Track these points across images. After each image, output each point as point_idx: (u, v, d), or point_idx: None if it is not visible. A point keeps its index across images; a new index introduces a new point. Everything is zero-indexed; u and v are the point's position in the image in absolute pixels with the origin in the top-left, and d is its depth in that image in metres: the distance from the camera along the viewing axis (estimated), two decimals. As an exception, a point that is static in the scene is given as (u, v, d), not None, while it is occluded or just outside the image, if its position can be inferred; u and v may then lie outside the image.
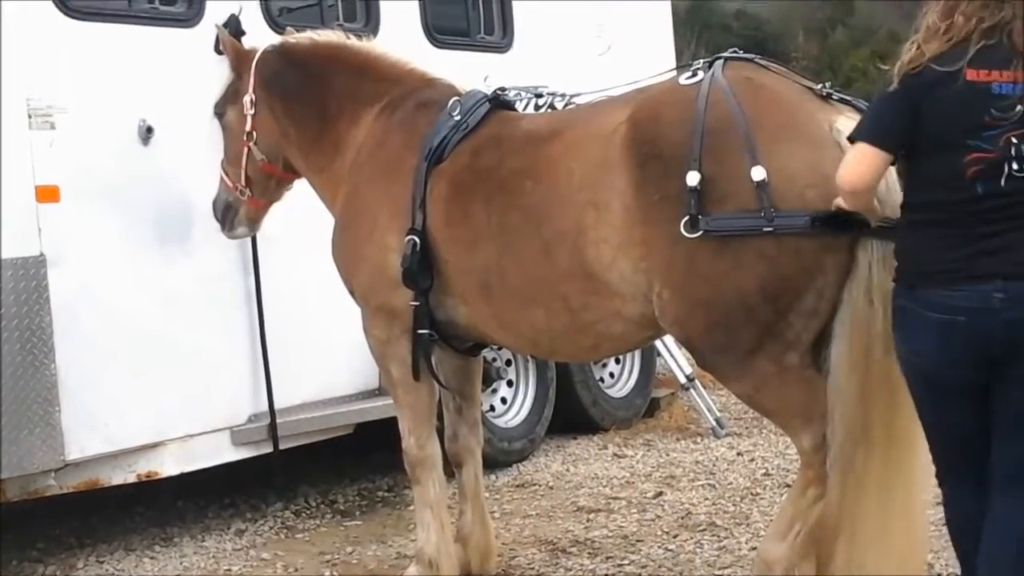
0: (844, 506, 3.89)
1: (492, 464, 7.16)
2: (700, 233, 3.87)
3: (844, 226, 3.81)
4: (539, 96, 5.77)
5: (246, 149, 5.36)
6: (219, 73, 5.52)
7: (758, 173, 3.81)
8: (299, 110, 5.24)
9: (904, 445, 3.90)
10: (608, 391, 8.47)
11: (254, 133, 5.33)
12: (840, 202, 3.72)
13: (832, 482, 3.89)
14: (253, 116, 5.31)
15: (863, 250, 3.87)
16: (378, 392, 6.80)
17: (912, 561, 3.96)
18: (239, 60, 5.42)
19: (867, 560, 3.89)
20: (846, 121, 3.89)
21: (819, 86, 4.12)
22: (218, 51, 5.66)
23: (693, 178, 3.87)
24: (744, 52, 4.27)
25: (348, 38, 5.33)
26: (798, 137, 3.90)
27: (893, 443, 3.89)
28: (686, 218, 3.88)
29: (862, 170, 3.56)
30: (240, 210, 5.54)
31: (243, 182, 5.43)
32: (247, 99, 5.31)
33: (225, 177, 5.53)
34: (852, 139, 3.61)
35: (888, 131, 3.54)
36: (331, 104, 5.18)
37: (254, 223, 5.63)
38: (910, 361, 3.64)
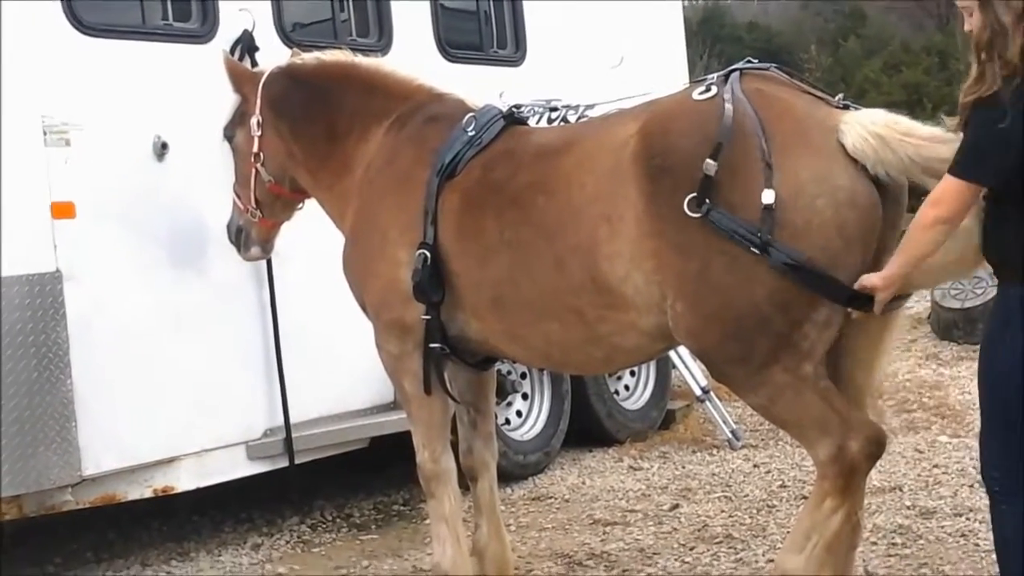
0: None
1: (507, 477, 7.17)
2: (700, 215, 3.84)
3: (822, 286, 3.84)
4: (553, 109, 5.78)
5: (254, 171, 5.38)
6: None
7: (768, 196, 3.80)
8: (307, 129, 5.25)
9: None
10: (623, 403, 8.46)
11: (261, 154, 5.35)
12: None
13: None
14: (260, 137, 5.33)
15: None
16: (393, 406, 6.81)
17: None
18: (244, 82, 5.43)
19: None
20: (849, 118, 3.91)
21: (835, 97, 4.12)
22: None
23: (710, 167, 3.84)
24: (759, 62, 4.27)
25: (355, 56, 5.34)
26: (808, 147, 3.89)
27: None
28: (692, 195, 3.86)
29: None
30: (252, 231, 5.57)
31: (253, 203, 5.45)
32: (254, 121, 5.33)
33: (237, 199, 5.56)
34: None
35: None
36: (339, 122, 5.18)
37: (266, 243, 5.65)
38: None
